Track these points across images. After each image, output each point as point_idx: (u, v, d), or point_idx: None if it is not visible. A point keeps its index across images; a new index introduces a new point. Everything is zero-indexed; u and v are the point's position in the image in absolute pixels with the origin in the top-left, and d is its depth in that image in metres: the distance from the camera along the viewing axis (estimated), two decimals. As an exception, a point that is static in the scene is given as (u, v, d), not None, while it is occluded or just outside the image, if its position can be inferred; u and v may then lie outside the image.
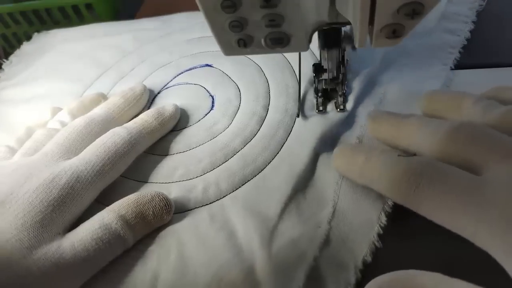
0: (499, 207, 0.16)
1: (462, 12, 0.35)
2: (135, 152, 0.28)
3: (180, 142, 0.30)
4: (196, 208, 0.26)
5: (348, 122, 0.28)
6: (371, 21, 0.18)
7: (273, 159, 0.27)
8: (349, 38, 0.26)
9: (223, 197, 0.26)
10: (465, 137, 0.20)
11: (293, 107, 0.30)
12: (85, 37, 0.45)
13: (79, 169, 0.25)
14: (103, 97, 0.34)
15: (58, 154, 0.27)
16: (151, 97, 0.35)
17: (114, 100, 0.32)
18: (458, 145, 0.20)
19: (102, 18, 0.49)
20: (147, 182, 0.28)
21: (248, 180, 0.26)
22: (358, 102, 0.29)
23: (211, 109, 0.32)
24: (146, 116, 0.30)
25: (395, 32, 0.18)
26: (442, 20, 0.35)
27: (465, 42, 0.33)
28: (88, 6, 0.49)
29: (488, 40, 0.33)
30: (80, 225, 0.24)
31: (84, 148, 0.28)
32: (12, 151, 0.30)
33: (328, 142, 0.27)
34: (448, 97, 0.24)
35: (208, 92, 0.34)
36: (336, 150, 0.25)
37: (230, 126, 0.30)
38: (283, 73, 0.33)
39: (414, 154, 0.22)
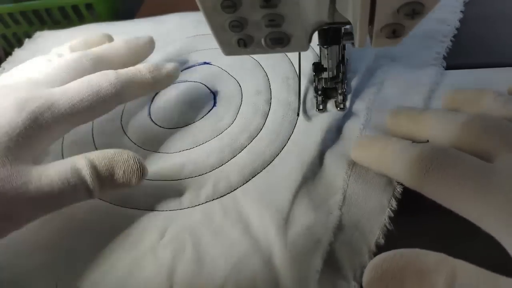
0: (506, 193, 0.17)
1: (449, 3, 0.36)
2: (119, 99, 0.28)
3: (186, 139, 0.30)
4: (207, 202, 0.26)
5: (347, 115, 0.29)
6: (371, 21, 0.18)
7: (280, 151, 0.27)
8: (349, 34, 0.26)
9: (234, 190, 0.26)
10: (479, 128, 0.20)
11: (295, 100, 0.30)
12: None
13: (55, 98, 0.25)
14: (108, 38, 0.34)
15: (43, 82, 0.27)
16: (151, 96, 0.35)
17: (115, 43, 0.32)
18: (472, 135, 0.20)
19: (102, 18, 0.49)
20: (155, 180, 0.28)
21: (258, 173, 0.27)
22: (356, 96, 0.30)
23: (214, 105, 0.32)
24: (142, 67, 0.29)
25: (395, 32, 0.18)
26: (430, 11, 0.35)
27: (456, 32, 0.33)
28: (88, 6, 0.49)
29: (476, 39, 0.33)
30: (52, 162, 0.23)
31: (70, 81, 0.27)
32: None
33: (333, 135, 0.28)
34: (470, 93, 0.25)
35: (208, 89, 0.34)
36: (354, 142, 0.25)
37: (235, 122, 0.30)
38: (281, 66, 0.33)
39: (427, 141, 0.22)
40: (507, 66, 0.30)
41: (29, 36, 0.49)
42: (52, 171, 0.22)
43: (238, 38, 0.21)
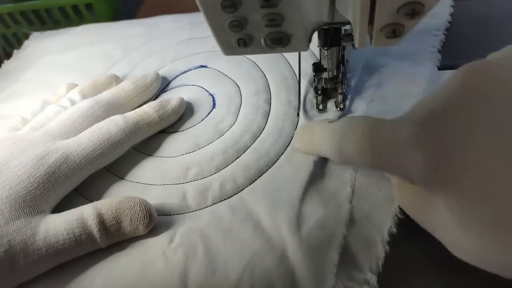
0: (389, 142, 0.19)
1: None
2: (130, 142, 0.29)
3: (188, 142, 0.30)
4: (215, 204, 0.26)
5: (347, 113, 0.29)
6: (371, 21, 0.18)
7: (285, 149, 0.28)
8: (349, 36, 0.26)
9: (241, 190, 0.26)
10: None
11: (295, 99, 0.30)
12: (70, 47, 0.44)
13: (70, 150, 0.26)
14: (115, 79, 0.35)
15: (58, 133, 0.28)
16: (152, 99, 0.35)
17: (124, 86, 0.32)
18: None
19: (102, 18, 0.49)
20: (160, 185, 0.28)
21: (264, 172, 0.27)
22: (355, 95, 0.30)
23: (213, 107, 0.32)
24: (148, 108, 0.30)
25: (395, 32, 0.18)
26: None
27: (448, 25, 0.34)
28: (88, 6, 0.49)
29: (469, 41, 0.33)
30: (63, 212, 0.24)
31: (84, 130, 0.28)
32: (25, 122, 0.31)
33: None
34: None
35: (207, 91, 0.34)
36: (295, 132, 0.28)
37: (236, 122, 0.30)
38: (279, 66, 0.33)
39: (340, 117, 0.25)
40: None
41: (28, 36, 0.49)
42: (59, 221, 0.23)
43: (238, 38, 0.21)
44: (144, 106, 0.30)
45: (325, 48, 0.26)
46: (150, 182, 0.28)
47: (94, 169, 0.28)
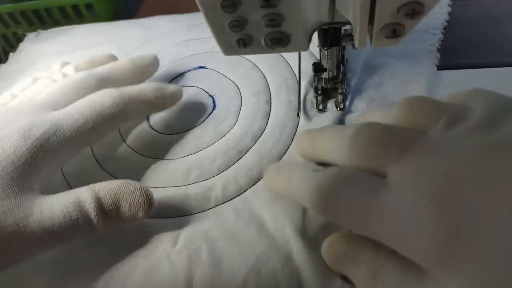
0: (393, 212, 0.16)
1: None
2: (123, 118, 0.27)
3: (189, 144, 0.30)
4: (218, 205, 0.26)
5: (347, 114, 0.29)
6: (371, 21, 0.18)
7: (287, 150, 0.27)
8: (349, 36, 0.26)
9: (244, 191, 0.26)
10: (364, 139, 0.19)
11: (295, 99, 0.30)
12: (68, 48, 0.44)
13: (60, 123, 0.24)
14: (112, 59, 0.34)
15: (48, 104, 0.26)
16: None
17: (120, 62, 0.32)
18: (360, 148, 0.19)
19: (102, 18, 0.49)
20: (162, 187, 0.27)
21: None
22: (355, 95, 0.30)
23: (214, 108, 0.32)
24: (146, 86, 0.29)
25: (395, 32, 0.18)
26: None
27: (446, 24, 0.34)
28: (88, 6, 0.49)
29: (469, 40, 0.33)
30: (58, 193, 0.22)
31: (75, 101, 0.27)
32: (14, 97, 0.29)
33: None
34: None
35: (207, 92, 0.34)
36: (263, 172, 0.25)
37: (237, 123, 0.30)
38: (279, 67, 0.33)
39: (326, 165, 0.22)
40: (498, 67, 0.30)
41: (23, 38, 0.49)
42: (55, 203, 0.21)
43: (238, 38, 0.21)
44: (142, 84, 0.29)
45: (325, 48, 0.26)
46: (152, 184, 0.28)
47: (85, 145, 0.26)
